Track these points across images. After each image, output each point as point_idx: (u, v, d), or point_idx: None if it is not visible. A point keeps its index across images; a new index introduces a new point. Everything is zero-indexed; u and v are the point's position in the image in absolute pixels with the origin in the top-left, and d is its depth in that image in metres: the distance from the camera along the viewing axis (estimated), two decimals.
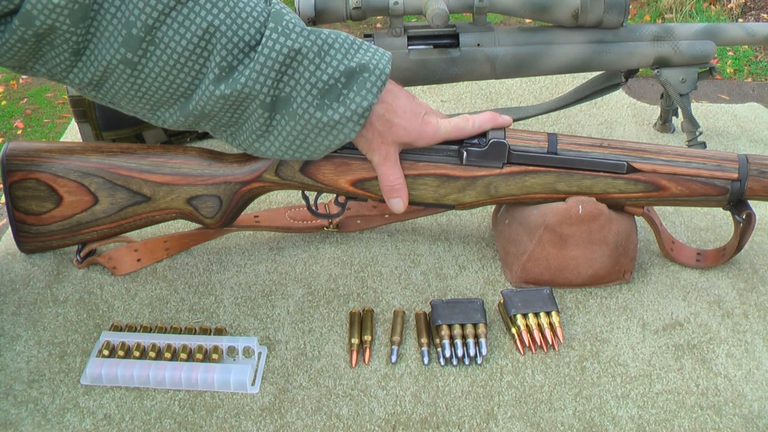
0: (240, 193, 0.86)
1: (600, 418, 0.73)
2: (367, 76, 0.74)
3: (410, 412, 0.73)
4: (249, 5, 0.72)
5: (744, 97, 3.47)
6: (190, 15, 0.70)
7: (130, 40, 0.70)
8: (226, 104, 0.74)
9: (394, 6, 1.00)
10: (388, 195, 0.83)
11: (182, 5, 0.70)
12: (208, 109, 0.74)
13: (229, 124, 0.78)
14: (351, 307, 0.86)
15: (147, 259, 0.92)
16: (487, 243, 0.96)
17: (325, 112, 0.73)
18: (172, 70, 0.72)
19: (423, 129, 0.80)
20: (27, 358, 0.79)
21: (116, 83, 0.73)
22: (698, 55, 1.06)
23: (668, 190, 0.84)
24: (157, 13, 0.69)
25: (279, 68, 0.72)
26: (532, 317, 0.82)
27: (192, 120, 0.76)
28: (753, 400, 0.74)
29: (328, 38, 0.74)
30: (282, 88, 0.73)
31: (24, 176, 0.85)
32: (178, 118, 0.76)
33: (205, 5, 0.70)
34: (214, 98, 0.73)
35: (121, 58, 0.70)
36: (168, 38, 0.70)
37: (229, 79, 0.72)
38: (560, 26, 1.04)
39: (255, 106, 0.74)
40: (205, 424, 0.72)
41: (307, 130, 0.75)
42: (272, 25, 0.72)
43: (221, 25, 0.70)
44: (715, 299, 0.87)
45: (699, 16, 4.12)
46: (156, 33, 0.70)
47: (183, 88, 0.73)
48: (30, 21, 0.67)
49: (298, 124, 0.75)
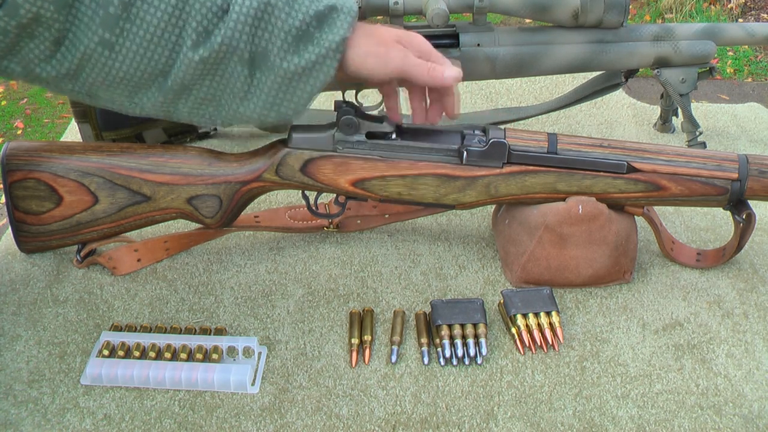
0: (240, 192, 0.86)
1: (600, 418, 0.73)
2: (336, 15, 0.74)
3: (410, 412, 0.73)
4: None
5: (744, 97, 3.46)
6: None
7: (108, 20, 0.70)
8: (206, 68, 0.74)
9: (394, 6, 1.00)
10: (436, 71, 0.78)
11: None
12: (188, 79, 0.74)
13: (209, 99, 0.77)
14: (351, 307, 0.86)
15: (147, 259, 0.92)
16: (487, 243, 0.96)
17: (302, 56, 0.74)
18: (150, 45, 0.72)
19: (400, 30, 0.79)
20: (27, 358, 0.79)
21: (94, 69, 0.73)
22: (698, 55, 1.06)
23: (668, 190, 0.84)
24: None
25: (252, 22, 0.73)
26: (532, 317, 0.82)
27: (171, 98, 0.76)
28: (753, 400, 0.74)
29: None
30: (258, 42, 0.74)
31: (24, 176, 0.85)
32: (157, 100, 0.76)
33: None
34: (194, 64, 0.73)
35: (99, 39, 0.70)
36: (143, 12, 0.70)
37: (207, 43, 0.72)
38: (560, 26, 1.04)
39: (234, 63, 0.74)
40: (205, 424, 0.72)
41: (288, 78, 0.75)
42: None
43: None
44: (715, 299, 0.87)
45: (699, 16, 4.12)
46: (131, 9, 0.70)
47: (161, 63, 0.73)
48: (15, 10, 0.67)
49: (278, 76, 0.75)
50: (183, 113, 0.78)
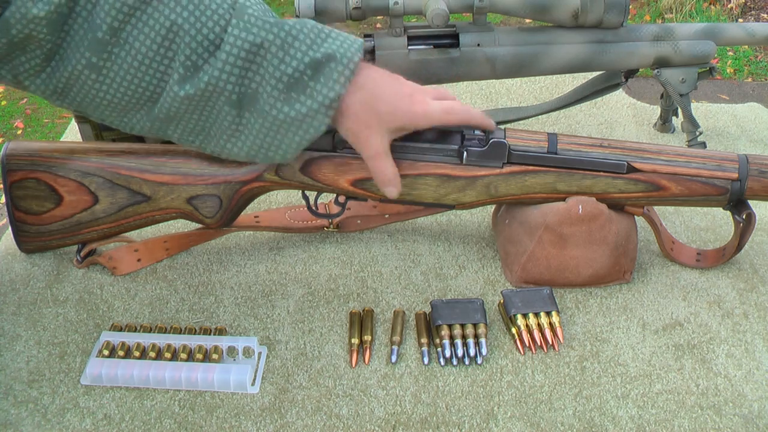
0: (240, 192, 0.86)
1: (600, 418, 0.73)
2: (333, 66, 0.71)
3: (410, 412, 0.73)
4: (214, 2, 0.70)
5: (744, 97, 3.46)
6: (154, 14, 0.69)
7: (96, 44, 0.68)
8: (191, 105, 0.72)
9: (394, 6, 1.00)
10: (383, 186, 0.82)
11: (146, 5, 0.69)
12: (173, 111, 0.73)
13: (198, 131, 0.76)
14: (351, 307, 0.86)
15: (147, 259, 0.92)
16: (487, 243, 0.96)
17: (293, 106, 0.71)
18: (137, 72, 0.70)
19: (412, 110, 0.76)
20: (27, 358, 0.79)
21: (81, 90, 0.72)
22: (698, 55, 1.06)
23: (668, 190, 0.84)
24: (122, 15, 0.68)
25: (242, 64, 0.70)
26: (532, 317, 0.82)
27: (159, 125, 0.75)
28: (753, 400, 0.74)
29: (292, 29, 0.71)
30: (248, 84, 0.72)
31: (24, 176, 0.85)
32: (145, 124, 0.75)
33: (168, 4, 0.69)
34: (179, 99, 0.71)
35: (86, 62, 0.69)
36: (132, 38, 0.69)
37: (194, 79, 0.70)
38: (560, 26, 1.04)
39: (221, 103, 0.72)
40: (205, 424, 0.72)
41: (276, 126, 0.73)
42: (234, 21, 0.70)
43: (184, 23, 0.69)
44: (715, 299, 0.87)
45: (699, 16, 4.12)
46: (120, 34, 0.69)
47: (149, 92, 0.72)
48: (6, 29, 0.66)
49: (267, 121, 0.72)
50: (173, 138, 0.77)
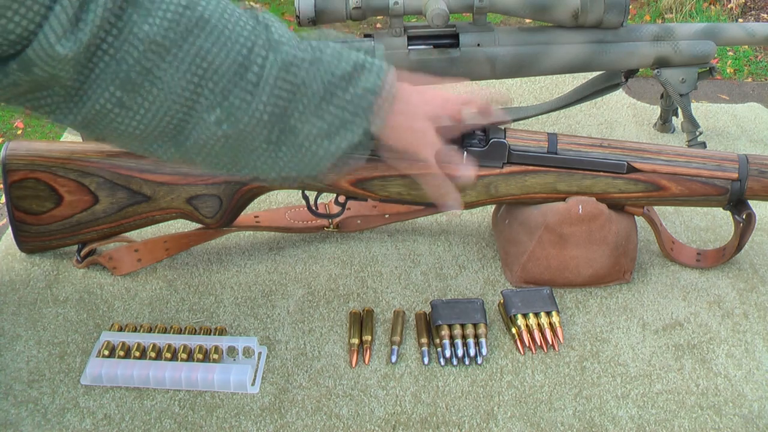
0: (240, 192, 0.86)
1: (600, 418, 0.73)
2: (368, 70, 0.71)
3: (410, 412, 0.73)
4: (249, 41, 0.68)
5: (744, 97, 3.46)
6: (190, 51, 0.66)
7: (125, 82, 0.66)
8: (228, 141, 0.70)
9: (394, 6, 1.00)
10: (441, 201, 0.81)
11: (178, 48, 0.66)
12: (203, 142, 0.70)
13: (226, 151, 0.73)
14: (351, 307, 0.86)
15: (147, 259, 0.92)
16: (487, 243, 0.96)
17: (325, 119, 0.71)
18: (168, 110, 0.68)
19: (437, 94, 0.77)
20: (27, 358, 0.79)
21: (108, 125, 0.69)
22: (698, 55, 1.06)
23: (668, 190, 0.84)
24: (155, 56, 0.65)
25: (277, 97, 0.69)
26: (532, 317, 0.82)
27: (186, 155, 0.72)
28: (753, 400, 0.74)
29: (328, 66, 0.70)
30: (286, 121, 0.70)
31: (24, 176, 0.85)
32: (173, 155, 0.72)
33: (203, 43, 0.66)
34: (217, 135, 0.69)
35: (114, 99, 0.66)
36: (168, 76, 0.66)
37: (231, 118, 0.69)
38: (560, 26, 1.04)
39: (259, 141, 0.71)
40: (205, 424, 0.72)
41: (309, 140, 0.72)
42: (272, 56, 0.68)
43: (216, 58, 0.67)
44: (715, 299, 0.87)
45: (699, 16, 4.12)
46: (154, 72, 0.66)
47: (178, 125, 0.69)
48: (28, 68, 0.63)
49: (299, 138, 0.72)
50: (197, 162, 0.74)
